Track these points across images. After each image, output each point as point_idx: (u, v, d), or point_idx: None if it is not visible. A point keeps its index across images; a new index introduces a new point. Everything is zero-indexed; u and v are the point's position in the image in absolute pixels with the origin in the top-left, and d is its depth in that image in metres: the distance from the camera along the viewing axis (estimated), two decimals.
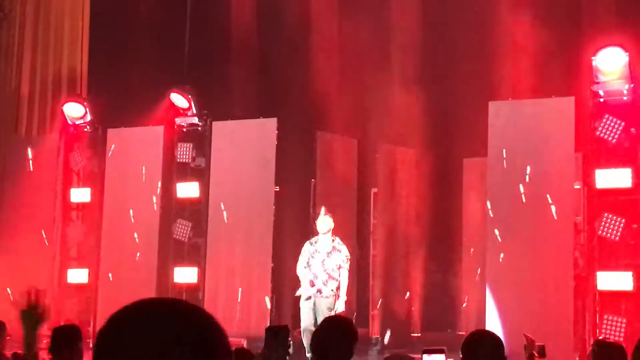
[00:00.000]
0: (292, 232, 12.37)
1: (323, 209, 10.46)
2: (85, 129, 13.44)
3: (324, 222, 10.25)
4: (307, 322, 9.84)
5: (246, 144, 12.36)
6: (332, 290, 9.98)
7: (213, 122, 12.72)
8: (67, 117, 13.38)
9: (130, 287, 12.42)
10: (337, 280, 10.01)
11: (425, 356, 2.40)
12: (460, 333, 12.20)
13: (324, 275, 10.01)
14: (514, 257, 10.41)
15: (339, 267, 10.04)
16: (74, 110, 13.32)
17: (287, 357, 2.72)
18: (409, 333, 12.68)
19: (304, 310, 10.01)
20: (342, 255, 10.09)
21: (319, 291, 9.97)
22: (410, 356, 4.42)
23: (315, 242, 10.26)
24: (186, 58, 13.46)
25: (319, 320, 9.56)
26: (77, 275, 13.13)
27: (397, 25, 12.51)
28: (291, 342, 3.96)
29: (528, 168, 10.51)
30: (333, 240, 10.20)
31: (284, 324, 5.96)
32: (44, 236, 13.19)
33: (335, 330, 4.11)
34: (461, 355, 4.07)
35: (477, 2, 12.30)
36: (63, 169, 13.45)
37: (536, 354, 5.28)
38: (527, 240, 10.34)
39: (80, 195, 13.41)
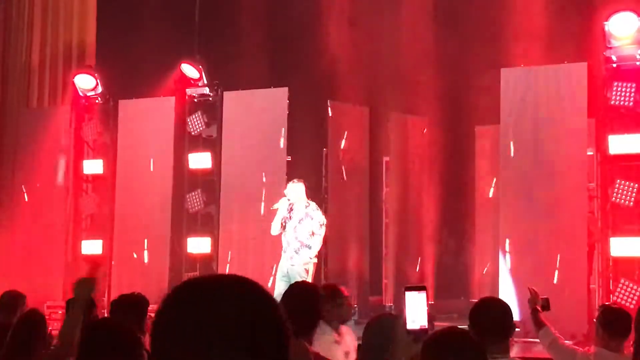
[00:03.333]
0: None
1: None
2: (97, 101, 13.45)
3: (293, 189, 9.94)
4: (279, 289, 9.61)
5: (258, 114, 12.33)
6: (307, 258, 9.79)
7: (224, 92, 12.70)
8: (78, 89, 13.37)
9: (144, 258, 12.51)
10: (309, 247, 9.79)
11: (407, 293, 2.41)
12: (473, 300, 12.20)
13: (296, 243, 9.84)
14: (527, 225, 10.39)
15: (312, 234, 9.82)
16: (85, 82, 13.31)
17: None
18: None
19: (277, 277, 9.89)
20: (314, 222, 9.82)
21: (290, 259, 9.80)
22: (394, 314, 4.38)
23: (291, 210, 9.99)
24: (197, 28, 13.40)
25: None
26: (91, 247, 13.20)
27: None
28: None
29: (541, 134, 10.46)
30: (307, 207, 9.93)
31: None
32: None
33: (297, 293, 4.05)
34: (469, 322, 4.06)
35: None
36: (75, 140, 13.48)
37: (539, 307, 5.28)
38: (540, 207, 10.30)
39: (93, 166, 13.45)
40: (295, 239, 9.85)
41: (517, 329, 4.94)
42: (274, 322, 1.38)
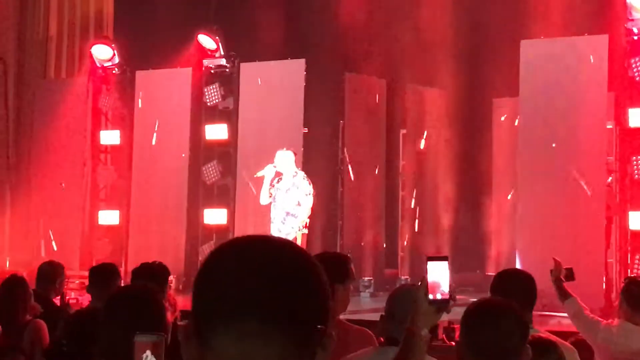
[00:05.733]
0: (321, 173, 12.35)
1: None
2: (114, 72, 13.44)
3: (282, 158, 9.83)
4: None
5: (274, 86, 12.30)
6: (292, 227, 9.72)
7: (241, 64, 12.66)
8: (95, 60, 13.37)
9: (161, 229, 12.55)
10: (295, 217, 9.72)
11: (429, 263, 2.41)
12: (489, 274, 12.20)
13: (282, 212, 9.80)
14: (544, 198, 10.34)
15: (298, 204, 9.74)
16: (102, 53, 13.31)
17: None
18: None
19: None
20: (300, 192, 9.72)
21: (279, 230, 9.74)
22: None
23: (280, 180, 9.87)
24: None
25: None
26: (108, 217, 13.26)
27: None
28: None
29: (560, 107, 10.38)
30: (294, 176, 9.83)
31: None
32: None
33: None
34: (491, 292, 4.05)
35: None
36: (92, 111, 13.50)
37: (563, 278, 5.25)
38: (558, 180, 10.25)
39: (110, 137, 13.48)
40: (282, 209, 9.80)
41: None
42: (317, 285, 1.38)
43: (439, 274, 2.55)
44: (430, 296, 2.50)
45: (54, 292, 6.39)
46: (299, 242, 9.67)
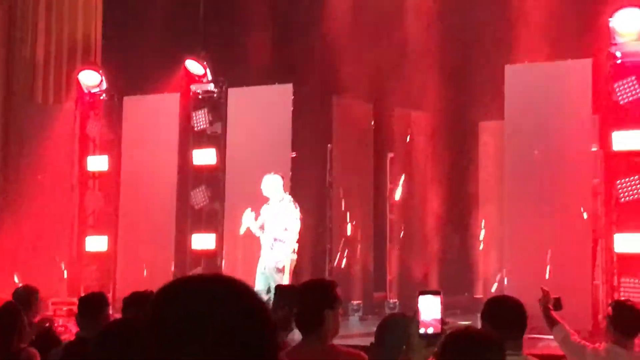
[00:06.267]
0: (309, 197, 12.39)
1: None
2: (101, 97, 13.47)
3: (268, 182, 9.99)
4: (258, 286, 9.69)
5: (262, 110, 12.34)
6: (281, 253, 9.76)
7: (229, 89, 12.71)
8: (82, 85, 13.39)
9: (149, 255, 12.52)
10: (284, 242, 9.77)
11: (421, 297, 2.43)
12: (477, 296, 12.25)
13: (270, 238, 9.83)
14: (531, 221, 10.40)
15: (286, 229, 9.79)
16: (90, 78, 13.33)
17: (292, 317, 2.75)
18: None
19: (257, 273, 9.90)
20: (288, 217, 9.81)
21: (267, 255, 9.82)
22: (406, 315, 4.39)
23: (268, 204, 10.02)
24: (201, 24, 13.41)
25: (272, 283, 9.53)
26: (96, 243, 13.22)
27: None
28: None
29: (545, 130, 10.46)
30: (281, 200, 9.93)
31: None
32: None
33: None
34: (481, 321, 4.08)
35: None
36: (80, 137, 13.50)
37: (551, 307, 5.29)
38: (544, 203, 10.31)
39: (97, 163, 13.48)
40: (270, 235, 9.83)
41: None
42: (261, 319, 1.42)
43: (431, 309, 2.58)
44: (422, 330, 2.53)
45: (32, 315, 6.39)
46: (287, 269, 9.71)
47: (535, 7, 10.83)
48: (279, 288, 2.94)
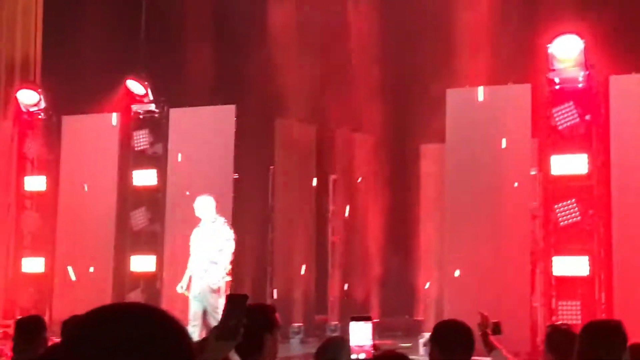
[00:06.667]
0: (251, 219, 12.33)
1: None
2: (40, 116, 13.26)
3: (201, 203, 9.90)
4: (193, 309, 9.63)
5: (204, 131, 12.28)
6: (215, 275, 9.67)
7: (170, 109, 12.62)
8: (20, 104, 13.18)
9: (87, 277, 12.32)
10: (216, 263, 9.69)
11: (352, 323, 2.43)
12: (417, 319, 12.29)
13: (204, 261, 9.74)
14: (471, 243, 10.49)
15: (220, 250, 9.73)
16: (28, 98, 13.13)
17: (242, 327, 2.73)
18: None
19: (190, 297, 9.77)
20: (221, 238, 9.75)
21: (201, 278, 9.70)
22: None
23: (199, 227, 9.94)
24: (142, 44, 13.31)
25: (207, 306, 9.47)
26: (32, 264, 12.97)
27: (355, 12, 12.51)
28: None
29: (485, 154, 10.59)
30: (213, 222, 9.87)
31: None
32: None
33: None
34: (430, 345, 4.11)
35: None
36: (17, 156, 13.27)
37: (489, 332, 5.29)
38: (484, 226, 10.41)
39: (35, 183, 13.24)
40: (204, 257, 9.75)
41: None
42: (181, 347, 1.39)
43: (362, 334, 2.57)
44: (354, 356, 2.52)
45: None
46: (223, 290, 9.61)
47: (477, 31, 10.98)
48: (230, 297, 2.91)
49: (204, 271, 9.73)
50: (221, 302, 9.41)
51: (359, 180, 12.92)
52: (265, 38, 12.58)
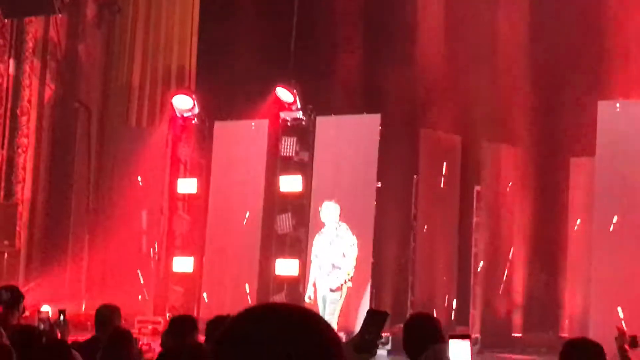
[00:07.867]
0: (393, 228, 12.37)
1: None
2: (193, 121, 13.74)
3: (327, 209, 10.20)
4: (321, 313, 9.72)
5: (349, 139, 12.41)
6: (338, 278, 9.85)
7: (317, 117, 12.82)
8: (175, 109, 13.69)
9: (233, 278, 12.67)
10: (339, 268, 9.89)
11: (451, 341, 2.43)
12: (562, 335, 11.97)
13: (327, 265, 9.92)
14: (621, 259, 10.15)
15: (343, 255, 9.89)
16: (183, 103, 13.62)
17: (379, 341, 2.77)
18: (510, 333, 12.51)
19: (317, 299, 10.01)
20: (345, 243, 9.95)
21: (324, 282, 9.90)
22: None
23: (321, 233, 10.21)
24: (292, 53, 13.58)
25: (327, 303, 9.64)
26: (183, 264, 13.41)
27: (505, 23, 12.34)
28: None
29: (637, 169, 10.24)
30: (337, 228, 10.08)
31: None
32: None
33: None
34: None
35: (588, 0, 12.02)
36: (171, 159, 13.79)
37: (627, 346, 5.17)
38: (633, 241, 10.06)
39: (187, 186, 13.71)
40: (328, 261, 9.89)
41: None
42: (334, 352, 1.39)
43: (460, 352, 2.57)
44: None
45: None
46: (343, 296, 9.76)
47: (631, 41, 10.64)
48: (371, 312, 2.96)
49: (326, 275, 9.93)
50: (334, 298, 9.54)
51: (508, 188, 12.68)
52: (412, 48, 12.60)
